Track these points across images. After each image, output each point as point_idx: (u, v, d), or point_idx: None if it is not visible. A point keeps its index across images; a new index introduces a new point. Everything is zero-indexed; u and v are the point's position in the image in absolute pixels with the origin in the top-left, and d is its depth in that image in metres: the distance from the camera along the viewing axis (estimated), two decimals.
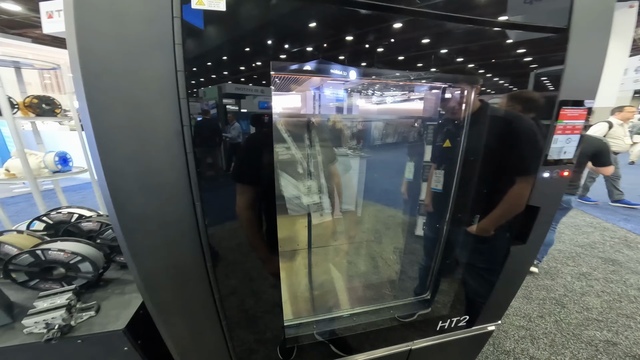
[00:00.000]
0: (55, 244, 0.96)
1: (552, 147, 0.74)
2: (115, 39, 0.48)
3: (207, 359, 0.82)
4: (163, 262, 0.63)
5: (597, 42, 0.67)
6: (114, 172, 0.54)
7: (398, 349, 1.03)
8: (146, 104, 0.53)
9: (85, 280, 1.00)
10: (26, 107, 2.15)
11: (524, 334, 1.83)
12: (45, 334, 0.80)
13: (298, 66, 0.62)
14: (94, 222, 1.18)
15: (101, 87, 0.50)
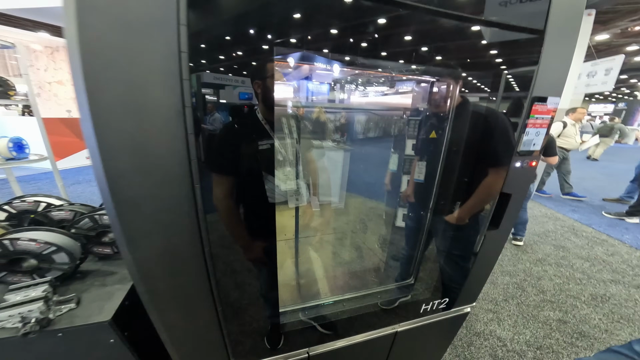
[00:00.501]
0: (25, 234, 0.89)
1: (524, 140, 0.83)
2: (114, 15, 0.46)
3: (200, 346, 0.82)
4: (159, 247, 0.62)
5: (566, 44, 0.76)
6: (110, 153, 0.51)
7: (385, 332, 1.09)
8: (145, 84, 0.51)
9: (61, 272, 0.94)
10: None
11: (492, 317, 2.01)
12: (21, 328, 0.75)
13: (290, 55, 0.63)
14: (66, 211, 1.10)
15: (100, 65, 0.47)
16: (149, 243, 0.60)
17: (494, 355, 1.67)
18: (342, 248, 1.73)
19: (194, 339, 0.80)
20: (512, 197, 0.90)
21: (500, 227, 0.96)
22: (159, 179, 0.57)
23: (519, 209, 0.98)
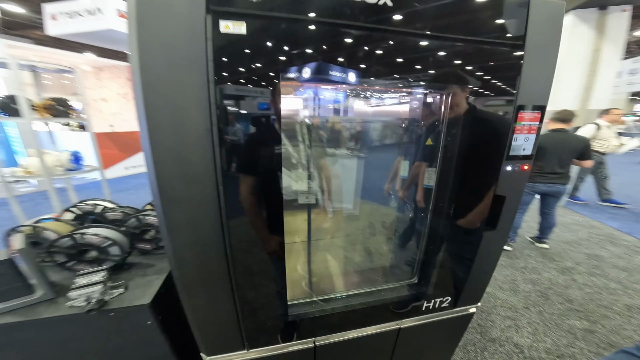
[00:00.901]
0: (90, 230, 1.10)
1: (513, 145, 0.89)
2: (165, 57, 0.63)
3: (219, 330, 0.95)
4: (192, 236, 0.77)
5: (548, 54, 0.82)
6: (161, 162, 0.68)
7: (389, 328, 1.16)
8: (186, 107, 0.67)
9: (114, 262, 1.13)
10: (44, 108, 2.30)
11: (510, 324, 1.96)
12: (86, 305, 0.93)
13: (302, 78, 0.76)
14: (117, 212, 1.32)
15: (154, 94, 0.64)
16: (183, 234, 0.76)
17: None
18: (351, 249, 1.80)
19: (214, 323, 0.93)
20: (506, 199, 0.96)
21: (498, 228, 1.01)
22: (192, 182, 0.72)
23: (516, 211, 1.02)
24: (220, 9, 0.64)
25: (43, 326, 0.94)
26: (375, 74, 0.81)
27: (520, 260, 2.89)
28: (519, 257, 2.95)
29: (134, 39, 0.60)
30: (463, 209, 1.01)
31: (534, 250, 3.11)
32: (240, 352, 1.00)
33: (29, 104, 2.20)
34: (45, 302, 0.98)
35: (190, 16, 0.63)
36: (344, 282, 1.41)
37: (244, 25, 0.66)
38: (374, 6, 0.72)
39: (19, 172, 2.43)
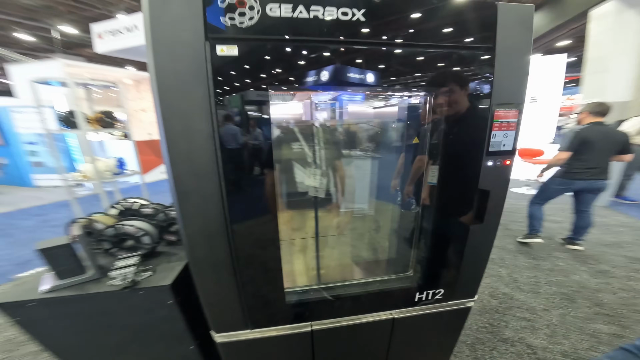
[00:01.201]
0: (128, 222, 1.32)
1: (492, 141, 0.92)
2: (174, 75, 0.78)
3: (225, 310, 1.08)
4: (201, 224, 0.92)
5: (520, 55, 0.85)
6: (176, 163, 0.84)
7: (382, 317, 1.23)
8: (193, 117, 0.82)
9: (145, 250, 1.34)
10: (95, 120, 2.69)
11: (525, 325, 1.90)
12: (122, 284, 1.14)
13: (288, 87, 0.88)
14: (150, 208, 1.54)
15: (169, 106, 0.79)
16: (194, 222, 0.91)
17: None
18: (354, 244, 1.87)
19: (221, 304, 1.07)
20: (490, 193, 0.99)
21: (485, 222, 1.04)
22: (199, 178, 0.87)
23: (502, 205, 1.04)
24: (216, 36, 0.78)
25: (90, 300, 1.16)
26: (352, 82, 0.90)
27: (547, 261, 2.73)
28: (545, 258, 2.79)
29: (151, 64, 0.76)
30: (449, 203, 1.06)
31: (564, 252, 2.91)
32: (244, 331, 1.13)
33: (84, 117, 2.59)
34: (93, 281, 1.21)
35: (193, 43, 0.77)
36: (341, 273, 1.50)
37: (236, 47, 0.80)
38: (349, 22, 0.82)
39: (78, 176, 2.87)
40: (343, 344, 1.28)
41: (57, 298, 1.12)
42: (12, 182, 6.72)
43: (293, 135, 1.48)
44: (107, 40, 5.86)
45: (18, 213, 4.72)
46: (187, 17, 0.75)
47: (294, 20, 0.80)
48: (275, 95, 0.97)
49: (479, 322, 1.94)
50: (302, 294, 1.19)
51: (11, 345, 1.81)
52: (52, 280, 1.16)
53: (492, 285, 2.37)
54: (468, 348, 1.72)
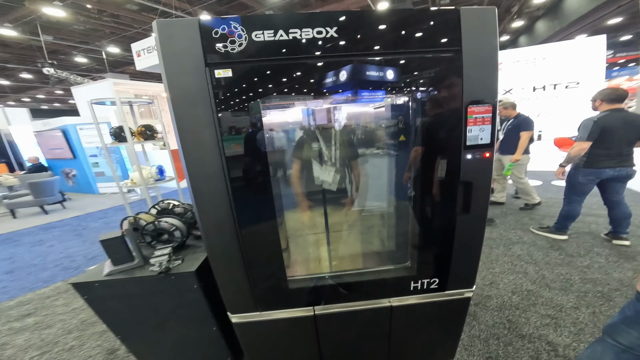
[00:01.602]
0: (164, 219, 1.58)
1: (468, 136, 0.96)
2: (185, 96, 0.96)
3: (238, 293, 1.25)
4: (212, 218, 1.10)
5: (487, 54, 0.89)
6: (191, 166, 1.02)
7: (380, 304, 1.31)
8: (201, 129, 0.99)
9: (177, 243, 1.59)
10: (139, 134, 3.11)
11: (548, 322, 1.81)
12: (158, 269, 1.38)
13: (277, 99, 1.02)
14: (181, 207, 1.81)
15: (182, 121, 0.98)
16: (208, 215, 1.10)
17: (536, 358, 1.56)
18: (361, 236, 1.94)
19: (234, 288, 1.24)
20: (473, 184, 1.03)
21: (472, 212, 1.08)
22: (210, 178, 1.05)
23: (488, 195, 1.06)
24: (214, 61, 0.95)
25: (136, 283, 1.42)
26: (335, 90, 1.01)
27: (585, 258, 2.51)
28: (583, 254, 2.57)
29: (166, 87, 0.96)
30: (435, 195, 1.11)
31: (608, 248, 2.65)
32: (254, 313, 1.30)
33: (130, 131, 3.02)
34: (138, 267, 1.48)
35: (197, 70, 0.95)
36: (342, 264, 1.61)
37: (230, 70, 0.96)
38: (324, 39, 0.93)
39: (129, 183, 3.35)
40: (345, 328, 1.39)
41: (112, 280, 1.40)
42: (81, 190, 7.91)
43: (292, 137, 1.64)
44: (145, 57, 6.56)
45: (87, 216, 5.58)
46: (190, 48, 0.93)
47: (276, 42, 0.94)
48: (269, 105, 1.12)
49: (496, 317, 1.89)
50: (304, 281, 1.33)
51: (84, 326, 2.23)
52: (110, 266, 1.44)
53: (515, 282, 2.27)
54: (481, 342, 1.71)
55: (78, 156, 7.32)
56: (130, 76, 9.73)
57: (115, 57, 12.11)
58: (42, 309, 2.52)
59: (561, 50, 5.49)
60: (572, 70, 5.44)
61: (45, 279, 3.09)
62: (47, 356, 1.94)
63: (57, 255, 3.75)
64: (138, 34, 9.48)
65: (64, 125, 7.07)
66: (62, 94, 17.72)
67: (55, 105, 22.09)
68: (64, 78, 9.55)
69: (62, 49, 10.86)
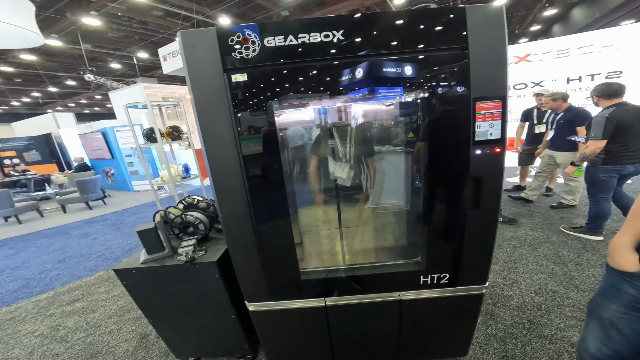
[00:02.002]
0: (189, 212, 1.71)
1: (477, 132, 0.96)
2: (206, 100, 1.05)
3: (254, 283, 1.34)
4: (232, 212, 1.19)
5: (495, 51, 0.88)
6: (212, 163, 1.12)
7: (390, 298, 1.34)
8: (221, 128, 1.08)
9: (201, 235, 1.72)
10: (167, 135, 3.34)
11: (573, 324, 1.73)
12: (185, 259, 1.51)
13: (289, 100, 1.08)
14: (204, 202, 1.94)
15: (205, 122, 1.07)
16: (227, 209, 1.19)
17: (556, 359, 1.50)
18: (373, 231, 1.96)
19: (251, 278, 1.33)
20: (483, 180, 1.02)
21: (483, 208, 1.07)
22: (229, 175, 1.14)
23: (499, 191, 1.05)
24: (231, 67, 1.03)
25: (166, 270, 1.57)
26: (342, 90, 1.05)
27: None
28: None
29: (190, 91, 1.05)
30: (444, 191, 1.12)
31: None
32: (269, 302, 1.39)
33: (160, 132, 3.26)
34: (168, 257, 1.63)
35: (216, 75, 1.03)
36: (353, 257, 1.65)
37: (245, 75, 1.03)
38: (331, 43, 0.98)
39: (159, 180, 3.62)
40: (354, 319, 1.44)
41: (146, 268, 1.55)
42: (119, 188, 8.60)
43: (305, 136, 1.70)
44: (170, 61, 6.94)
45: (124, 212, 6.08)
46: (210, 56, 1.01)
47: (287, 47, 1.00)
48: (281, 106, 1.18)
49: (515, 317, 1.84)
50: (316, 274, 1.39)
51: (121, 312, 2.48)
52: (144, 255, 1.60)
53: (539, 282, 2.17)
54: (497, 341, 1.67)
55: (116, 156, 7.96)
56: (158, 80, 10.34)
57: (145, 62, 12.93)
58: (87, 295, 2.82)
59: (598, 38, 5.03)
60: (614, 59, 4.95)
61: (90, 268, 3.45)
62: (90, 338, 2.18)
63: (100, 247, 4.15)
64: (164, 38, 10.04)
65: (104, 128, 7.71)
66: (101, 99, 19.24)
67: (96, 109, 24.01)
68: (102, 83, 10.38)
69: (99, 56, 11.80)
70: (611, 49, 4.94)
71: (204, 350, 1.87)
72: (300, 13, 9.27)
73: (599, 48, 5.03)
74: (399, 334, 1.45)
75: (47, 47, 9.75)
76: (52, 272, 3.45)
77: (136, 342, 2.09)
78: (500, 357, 1.57)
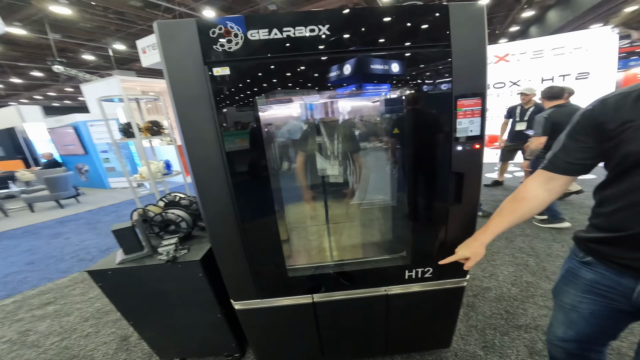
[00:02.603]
0: (171, 210, 1.65)
1: (458, 128, 0.99)
2: (186, 93, 1.01)
3: (240, 281, 1.31)
4: (215, 209, 1.16)
5: (476, 49, 0.91)
6: (194, 160, 1.08)
7: (377, 293, 1.36)
8: (202, 124, 1.04)
9: (183, 234, 1.66)
10: (146, 130, 3.20)
11: (546, 313, 1.84)
12: (166, 258, 1.46)
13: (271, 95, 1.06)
14: (186, 200, 1.88)
15: (184, 117, 1.03)
16: (210, 207, 1.15)
17: (530, 348, 1.59)
18: (359, 227, 1.98)
19: (236, 276, 1.30)
20: (464, 175, 1.05)
21: (463, 203, 1.11)
22: (211, 172, 1.10)
23: (479, 186, 1.09)
24: (211, 60, 0.99)
25: (145, 271, 1.50)
26: (332, 85, 1.04)
27: None
28: None
29: (168, 85, 1.01)
30: (427, 186, 1.14)
31: None
32: (256, 300, 1.37)
33: (138, 127, 3.11)
34: (148, 256, 1.56)
35: (196, 68, 0.98)
36: (340, 253, 1.66)
37: (228, 68, 1.00)
38: (317, 37, 0.96)
39: (138, 177, 3.46)
40: (342, 315, 1.45)
41: (124, 268, 1.48)
42: (94, 185, 8.17)
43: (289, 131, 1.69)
44: (150, 54, 6.62)
45: (100, 210, 5.79)
46: (189, 47, 0.97)
47: (271, 41, 0.97)
48: (265, 101, 1.16)
49: (494, 308, 1.93)
50: (303, 270, 1.39)
51: (99, 314, 2.37)
52: (121, 255, 1.53)
53: (515, 273, 2.29)
54: (478, 332, 1.75)
55: (90, 152, 7.53)
56: (136, 73, 9.86)
57: (122, 54, 12.29)
58: (61, 298, 2.67)
59: (570, 40, 5.31)
60: (583, 61, 5.25)
61: (63, 270, 3.26)
62: (66, 342, 2.07)
63: (74, 247, 3.93)
64: (143, 30, 9.57)
65: (75, 122, 7.27)
66: (72, 92, 18.12)
67: (66, 102, 22.60)
68: (73, 75, 9.77)
69: (71, 47, 11.08)
70: (581, 50, 5.22)
71: (189, 351, 1.82)
72: (289, 7, 9.12)
73: (570, 50, 5.30)
74: (386, 329, 1.48)
75: (9, 36, 9.01)
76: (19, 275, 3.23)
77: (116, 344, 2.00)
78: (481, 347, 1.64)
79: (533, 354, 1.56)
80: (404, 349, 1.64)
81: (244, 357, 1.79)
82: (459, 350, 1.64)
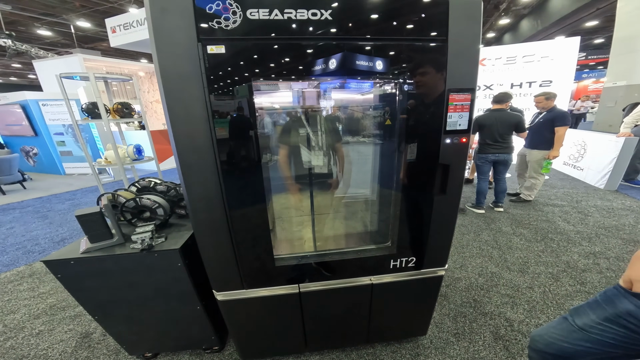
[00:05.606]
0: (146, 196, 1.53)
1: (448, 121, 1.04)
2: (176, 71, 0.94)
3: (224, 271, 1.27)
4: (201, 194, 1.10)
5: (470, 45, 0.96)
6: (179, 141, 1.01)
7: (362, 282, 1.40)
8: (191, 104, 0.98)
9: (160, 221, 1.56)
10: (114, 111, 2.94)
11: (507, 301, 2.02)
12: (141, 246, 1.36)
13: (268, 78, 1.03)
14: (163, 185, 1.77)
15: (172, 96, 0.96)
16: (195, 191, 1.09)
17: (495, 333, 1.75)
18: (344, 218, 2.02)
19: (220, 265, 1.25)
20: (450, 167, 1.12)
21: (448, 193, 1.17)
22: (199, 153, 1.03)
23: (462, 178, 1.16)
24: (206, 37, 0.93)
25: (116, 260, 1.38)
26: (325, 72, 1.04)
27: (540, 243, 2.81)
28: (539, 240, 2.87)
29: (156, 62, 0.93)
30: (414, 176, 1.19)
31: (560, 234, 2.96)
32: (240, 291, 1.33)
33: (105, 108, 2.85)
34: (118, 245, 1.44)
35: (189, 44, 0.93)
36: (326, 243, 1.68)
37: (223, 47, 0.95)
38: (319, 21, 0.95)
39: (102, 162, 3.17)
40: (328, 305, 1.46)
41: (90, 257, 1.35)
42: (45, 171, 7.33)
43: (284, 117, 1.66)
44: (120, 34, 6.12)
45: (52, 198, 5.21)
46: (183, 22, 0.91)
47: (271, 22, 0.94)
48: (261, 84, 1.12)
49: (464, 297, 2.08)
50: (290, 260, 1.37)
51: (53, 311, 2.14)
52: (86, 244, 1.40)
53: (482, 265, 2.48)
54: (450, 320, 1.87)
55: (41, 133, 6.74)
56: (102, 53, 8.98)
57: (86, 32, 11.08)
58: (3, 294, 2.38)
59: (539, 49, 5.78)
60: (548, 69, 5.75)
61: (6, 263, 2.90)
62: (11, 342, 1.85)
63: (19, 238, 3.51)
64: (113, 8, 8.71)
65: (24, 100, 6.45)
66: (21, 68, 16.01)
67: (12, 79, 19.94)
68: (23, 51, 8.62)
69: (23, 20, 9.74)
70: (547, 59, 5.71)
71: (164, 345, 1.72)
72: None
73: (538, 58, 5.77)
74: (369, 318, 1.52)
75: None
76: None
77: (76, 341, 1.83)
78: (453, 334, 1.76)
79: (497, 339, 1.71)
80: (383, 338, 1.70)
81: (223, 350, 1.74)
82: (434, 337, 1.74)
